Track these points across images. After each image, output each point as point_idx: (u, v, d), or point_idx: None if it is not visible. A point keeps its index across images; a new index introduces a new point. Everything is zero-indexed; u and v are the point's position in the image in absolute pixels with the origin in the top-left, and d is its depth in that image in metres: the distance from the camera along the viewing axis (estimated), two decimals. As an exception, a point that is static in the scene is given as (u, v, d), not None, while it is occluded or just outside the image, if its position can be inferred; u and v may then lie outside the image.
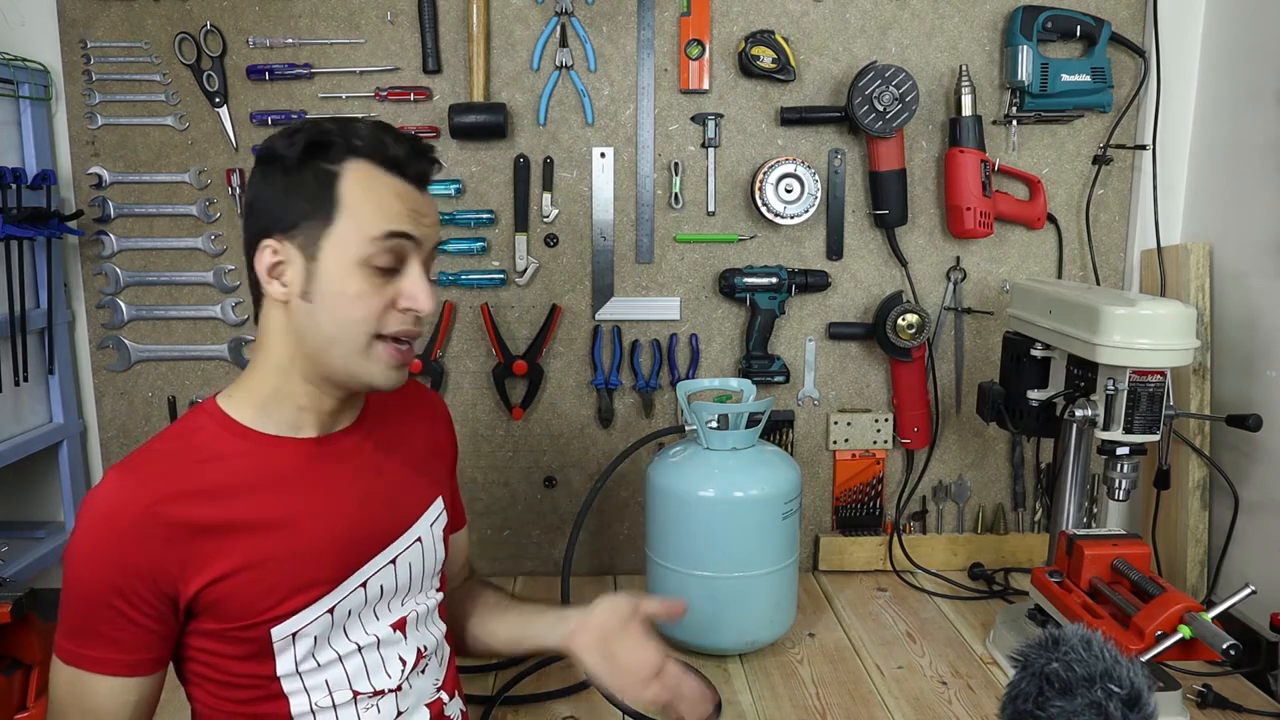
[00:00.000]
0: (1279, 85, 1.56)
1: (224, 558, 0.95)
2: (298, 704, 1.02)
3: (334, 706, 1.03)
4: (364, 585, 1.03)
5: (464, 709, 1.18)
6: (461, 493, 1.28)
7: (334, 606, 1.01)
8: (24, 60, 1.65)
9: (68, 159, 1.73)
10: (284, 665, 1.00)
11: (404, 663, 1.07)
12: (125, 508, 0.92)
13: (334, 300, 0.95)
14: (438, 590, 1.16)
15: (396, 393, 1.16)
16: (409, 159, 0.98)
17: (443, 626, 1.16)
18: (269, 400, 1.01)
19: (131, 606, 0.93)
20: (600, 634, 1.10)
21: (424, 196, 1.01)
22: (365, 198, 0.95)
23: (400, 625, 1.08)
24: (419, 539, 1.10)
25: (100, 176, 1.73)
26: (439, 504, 1.15)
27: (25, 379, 1.64)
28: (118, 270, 1.75)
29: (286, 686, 1.01)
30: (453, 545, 1.25)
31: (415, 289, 0.97)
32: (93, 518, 0.93)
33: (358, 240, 0.94)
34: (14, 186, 1.58)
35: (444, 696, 1.13)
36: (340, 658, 1.03)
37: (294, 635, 0.99)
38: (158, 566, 0.92)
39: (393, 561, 1.06)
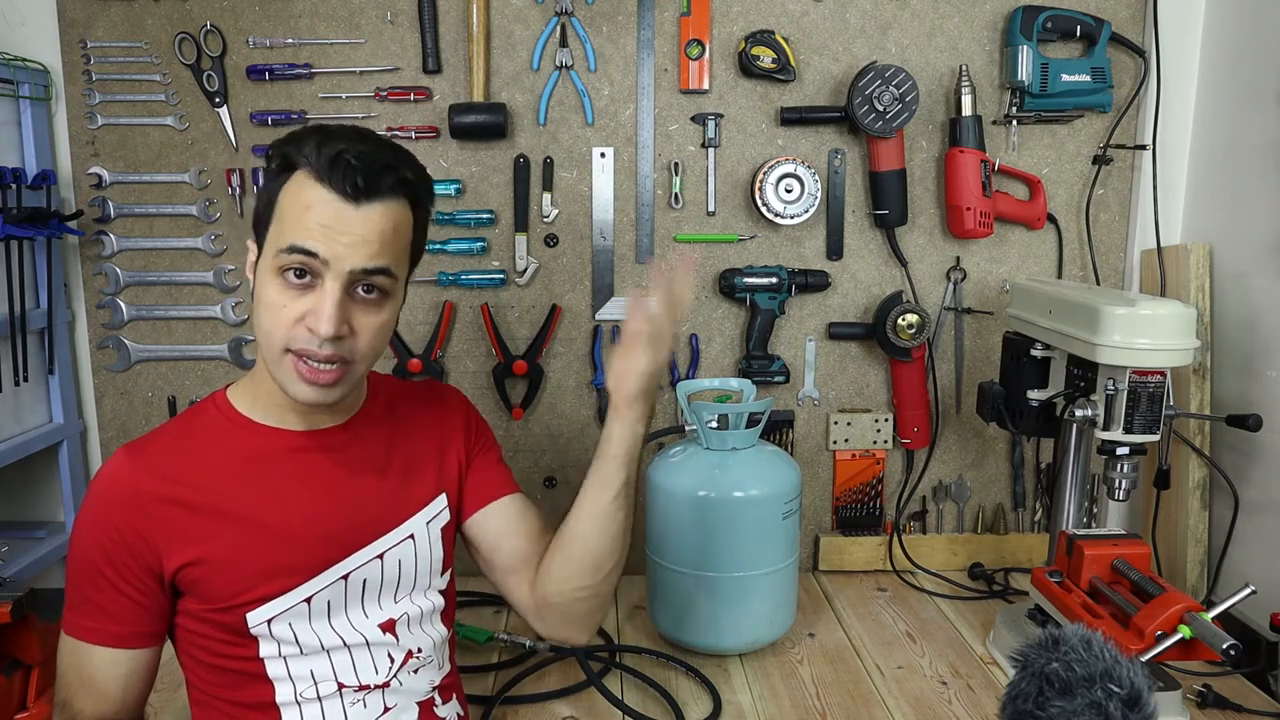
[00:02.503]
0: (1279, 85, 1.56)
1: (204, 539, 0.99)
2: (282, 691, 1.03)
3: (319, 698, 1.04)
4: (345, 578, 1.04)
5: (461, 713, 1.18)
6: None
7: (311, 596, 1.02)
8: (24, 60, 1.65)
9: (68, 159, 1.73)
10: (266, 650, 1.02)
11: (392, 660, 1.08)
12: (120, 482, 0.99)
13: (259, 306, 0.98)
14: (441, 593, 1.15)
15: (407, 393, 1.19)
16: (332, 168, 0.93)
17: (444, 632, 1.15)
18: (260, 391, 1.05)
19: (120, 577, 0.98)
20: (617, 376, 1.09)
21: (355, 212, 0.94)
22: (289, 207, 0.96)
23: (390, 626, 1.08)
24: (411, 535, 1.10)
25: (100, 176, 1.73)
26: (440, 502, 1.14)
27: (25, 379, 1.64)
28: (118, 270, 1.75)
29: (271, 672, 1.03)
30: (502, 523, 1.17)
31: (318, 307, 0.94)
32: (93, 491, 1.01)
33: (274, 249, 0.96)
34: (14, 186, 1.58)
35: (437, 698, 1.12)
36: (324, 649, 1.04)
37: (270, 621, 1.01)
38: (142, 539, 0.98)
39: (379, 556, 1.07)
